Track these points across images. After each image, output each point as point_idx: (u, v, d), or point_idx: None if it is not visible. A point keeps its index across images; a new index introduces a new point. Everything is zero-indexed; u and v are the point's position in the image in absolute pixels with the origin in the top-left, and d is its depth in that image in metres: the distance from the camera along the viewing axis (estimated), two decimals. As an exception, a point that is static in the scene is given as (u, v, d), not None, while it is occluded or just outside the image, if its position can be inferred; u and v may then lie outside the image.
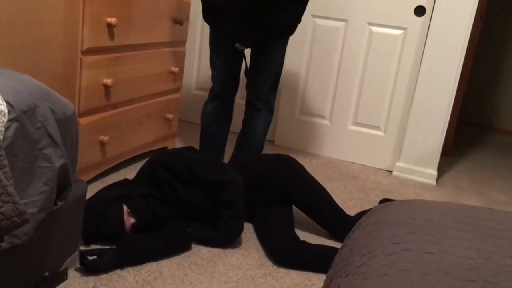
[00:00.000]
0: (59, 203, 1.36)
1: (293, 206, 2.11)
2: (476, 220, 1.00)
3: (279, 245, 1.88)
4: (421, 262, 0.84)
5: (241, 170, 2.06)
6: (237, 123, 2.64)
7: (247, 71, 2.42)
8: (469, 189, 2.98)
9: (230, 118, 2.57)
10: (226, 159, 2.60)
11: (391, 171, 3.05)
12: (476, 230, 0.96)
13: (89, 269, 1.62)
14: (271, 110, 2.51)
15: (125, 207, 1.79)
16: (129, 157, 2.50)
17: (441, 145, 2.92)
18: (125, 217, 1.78)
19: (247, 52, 2.39)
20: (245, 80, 2.47)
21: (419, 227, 0.98)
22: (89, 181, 2.22)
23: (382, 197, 2.60)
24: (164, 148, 2.78)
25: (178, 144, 2.94)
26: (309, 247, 1.88)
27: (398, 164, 3.02)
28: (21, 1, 2.01)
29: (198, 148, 2.49)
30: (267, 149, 2.78)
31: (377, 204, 2.41)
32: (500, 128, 4.71)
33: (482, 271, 0.81)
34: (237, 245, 1.94)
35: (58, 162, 1.29)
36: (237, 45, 2.31)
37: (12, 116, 1.16)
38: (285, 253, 1.85)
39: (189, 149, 2.15)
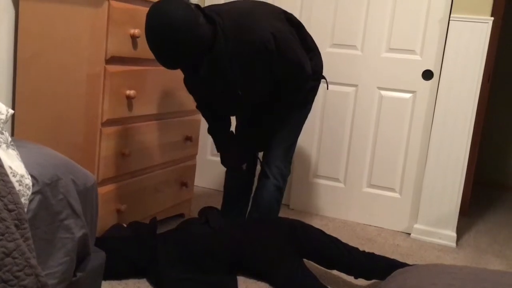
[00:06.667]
0: (78, 274, 1.37)
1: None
2: (497, 285, 0.99)
3: None
4: (443, 330, 0.83)
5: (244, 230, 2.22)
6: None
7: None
8: (490, 250, 2.91)
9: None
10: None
11: (409, 233, 3.01)
12: (498, 296, 0.94)
13: None
14: (282, 177, 2.43)
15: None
16: (146, 224, 2.51)
17: (458, 205, 2.88)
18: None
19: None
20: None
21: (439, 293, 0.96)
22: (106, 250, 2.23)
23: (401, 261, 2.54)
24: (181, 215, 2.79)
25: (194, 209, 2.95)
26: None
27: (415, 226, 2.98)
28: (46, 76, 2.12)
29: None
30: (283, 213, 2.77)
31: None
32: (516, 187, 4.65)
33: None
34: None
35: (78, 233, 1.31)
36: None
37: (36, 189, 1.20)
38: None
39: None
